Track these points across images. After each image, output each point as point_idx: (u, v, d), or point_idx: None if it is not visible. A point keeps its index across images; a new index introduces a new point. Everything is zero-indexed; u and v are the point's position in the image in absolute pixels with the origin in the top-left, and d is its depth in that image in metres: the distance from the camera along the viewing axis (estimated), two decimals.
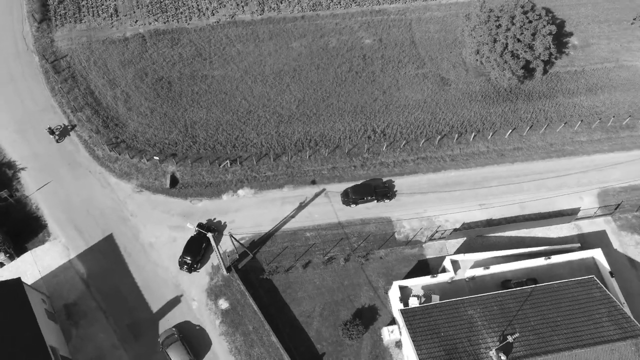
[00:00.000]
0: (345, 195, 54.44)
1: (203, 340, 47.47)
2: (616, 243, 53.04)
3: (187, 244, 50.25)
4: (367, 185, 54.71)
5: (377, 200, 54.42)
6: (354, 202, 53.92)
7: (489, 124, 60.41)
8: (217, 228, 52.24)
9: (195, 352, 46.50)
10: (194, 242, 50.37)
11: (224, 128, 58.74)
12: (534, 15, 56.72)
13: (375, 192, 54.20)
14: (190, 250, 49.81)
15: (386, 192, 54.53)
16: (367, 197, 53.68)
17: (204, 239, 50.31)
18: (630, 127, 60.86)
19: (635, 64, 65.92)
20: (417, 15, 69.41)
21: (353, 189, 54.17)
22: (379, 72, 63.77)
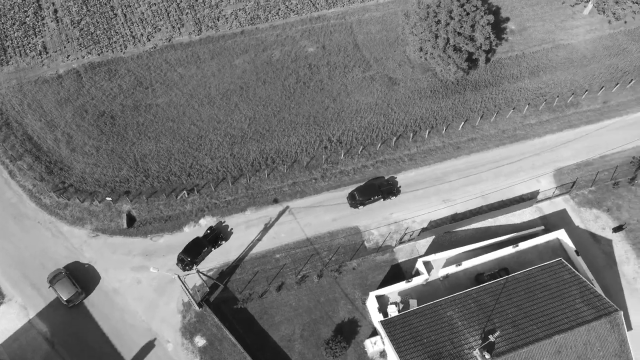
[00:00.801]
0: (352, 198, 53.99)
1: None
2: (577, 220, 54.46)
3: (190, 244, 50.14)
4: (371, 185, 54.43)
5: (383, 199, 54.12)
6: (362, 204, 53.59)
7: (442, 118, 60.89)
8: (224, 236, 51.77)
9: None
10: (195, 244, 50.19)
11: (176, 157, 56.76)
12: (470, 7, 57.41)
13: (381, 190, 54.04)
14: (190, 251, 49.77)
15: (391, 189, 54.59)
16: (374, 196, 53.43)
17: (206, 244, 50.25)
18: (575, 105, 62.65)
19: (570, 42, 67.91)
20: (357, 17, 69.18)
21: (359, 191, 53.84)
22: (326, 79, 63.16)
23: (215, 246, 51.46)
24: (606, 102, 62.94)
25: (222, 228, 52.83)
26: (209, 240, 50.91)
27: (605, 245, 52.93)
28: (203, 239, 50.73)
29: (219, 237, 51.54)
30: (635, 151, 59.07)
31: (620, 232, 53.02)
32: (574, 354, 39.25)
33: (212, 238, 51.25)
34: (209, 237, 51.17)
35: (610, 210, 54.90)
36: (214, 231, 51.89)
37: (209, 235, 51.42)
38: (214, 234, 51.50)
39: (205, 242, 50.51)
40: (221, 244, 51.85)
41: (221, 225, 53.12)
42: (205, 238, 50.96)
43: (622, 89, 63.83)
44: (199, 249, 50.12)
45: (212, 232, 51.67)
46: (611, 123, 61.25)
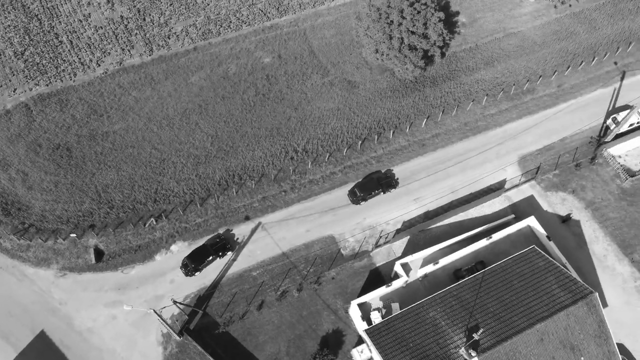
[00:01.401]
0: (353, 194, 54.25)
1: None
2: (545, 204, 55.52)
3: (196, 251, 50.00)
4: (370, 180, 54.87)
5: (383, 192, 54.56)
6: (363, 199, 54.00)
7: (404, 117, 61.10)
8: (231, 246, 51.47)
9: None
10: (201, 251, 49.95)
11: (140, 184, 55.14)
12: (420, 6, 57.71)
13: (380, 184, 54.43)
14: (195, 257, 49.53)
15: (390, 182, 55.25)
16: (374, 191, 53.90)
17: (212, 252, 49.91)
18: (531, 91, 63.87)
19: (520, 29, 69.18)
20: (310, 23, 68.74)
21: (359, 187, 54.13)
22: (285, 89, 62.51)
23: (221, 255, 50.80)
24: (560, 86, 64.43)
25: (229, 237, 52.21)
26: (216, 249, 50.41)
27: (574, 227, 54.15)
28: (210, 247, 50.27)
29: (225, 247, 51.04)
30: (592, 131, 60.69)
31: (568, 221, 53.76)
32: (556, 339, 39.90)
33: (219, 247, 50.70)
34: (215, 246, 50.59)
35: (575, 192, 56.20)
36: (222, 240, 51.34)
37: (216, 244, 50.80)
38: (222, 243, 50.95)
39: (211, 250, 50.08)
40: (227, 254, 51.17)
41: (228, 233, 52.50)
42: (212, 246, 50.42)
43: (574, 71, 65.45)
44: (204, 257, 49.70)
45: (220, 241, 51.11)
46: (567, 106, 62.71)
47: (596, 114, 62.01)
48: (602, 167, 57.89)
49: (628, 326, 48.78)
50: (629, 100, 63.09)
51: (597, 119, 61.62)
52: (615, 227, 54.02)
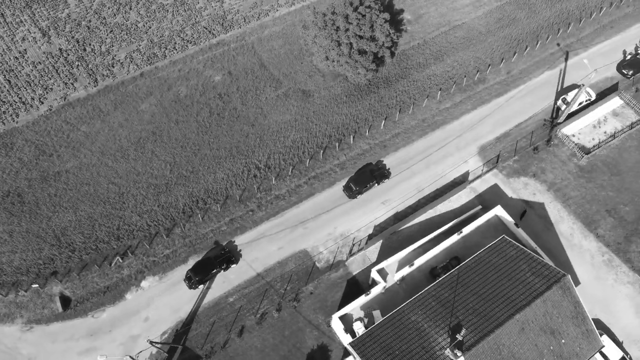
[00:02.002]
0: (349, 190, 54.58)
1: None
2: (509, 191, 56.48)
3: (200, 263, 49.59)
4: (364, 173, 55.26)
5: (377, 184, 55.18)
6: (359, 193, 54.60)
7: (363, 120, 61.01)
8: (235, 259, 51.02)
9: None
10: (205, 263, 49.43)
11: (101, 222, 53.07)
12: (365, 9, 57.67)
13: (374, 176, 54.93)
14: (199, 270, 49.11)
15: (384, 173, 55.87)
16: (369, 183, 54.46)
17: (216, 265, 49.37)
18: (482, 81, 64.91)
19: (464, 21, 70.23)
20: (257, 36, 67.82)
21: (354, 181, 54.57)
22: (240, 106, 61.43)
23: (226, 268, 50.21)
24: (509, 72, 65.73)
25: (234, 249, 51.78)
26: (220, 262, 49.81)
27: (539, 210, 55.28)
28: (214, 259, 49.69)
29: (230, 260, 50.41)
30: (544, 113, 62.17)
31: (524, 217, 54.14)
32: (536, 327, 40.51)
33: (223, 259, 50.06)
34: (220, 258, 50.00)
35: (536, 175, 57.38)
36: (226, 252, 50.69)
37: (220, 256, 50.23)
38: (226, 256, 50.32)
39: (215, 263, 49.51)
40: (231, 267, 50.63)
41: (231, 244, 52.27)
42: (216, 259, 49.86)
43: (520, 57, 66.91)
44: (209, 269, 49.11)
45: (224, 253, 50.52)
46: (518, 91, 64.02)
47: (546, 97, 63.58)
48: (558, 147, 59.35)
49: (601, 300, 50.11)
50: (575, 80, 64.93)
51: (548, 101, 63.19)
52: (578, 205, 55.46)
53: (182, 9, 69.44)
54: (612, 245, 53.07)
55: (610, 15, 71.86)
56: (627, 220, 54.62)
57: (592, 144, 59.64)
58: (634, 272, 51.63)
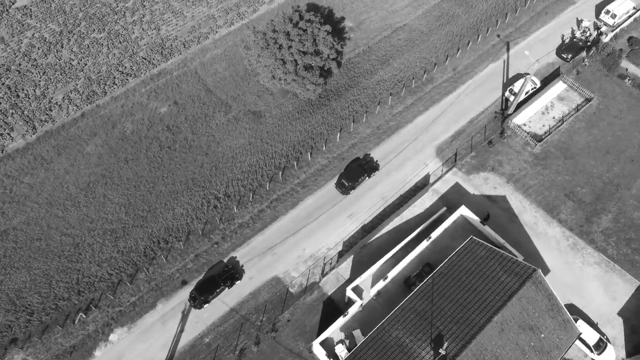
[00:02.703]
0: (341, 186, 55.01)
1: None
2: (470, 188, 56.86)
3: (203, 282, 49.15)
4: (354, 169, 55.73)
5: (368, 177, 55.87)
6: (352, 188, 55.06)
7: (318, 135, 60.21)
8: (239, 275, 50.51)
9: None
10: (209, 282, 48.95)
11: (58, 279, 50.18)
12: (305, 24, 56.86)
13: (364, 169, 55.59)
14: (203, 289, 48.62)
15: (373, 165, 56.62)
16: (360, 177, 55.10)
17: (220, 283, 48.92)
18: (430, 80, 65.27)
19: (406, 22, 70.54)
20: (199, 60, 65.98)
21: (346, 177, 55.03)
22: (190, 136, 59.52)
23: (230, 285, 49.76)
24: (455, 69, 66.38)
25: (236, 265, 51.28)
26: (224, 279, 49.39)
27: (501, 203, 55.91)
28: (217, 278, 49.25)
29: (234, 277, 49.98)
30: (495, 106, 63.06)
31: (488, 219, 53.84)
32: (515, 325, 40.71)
33: (227, 276, 49.69)
34: (223, 276, 49.54)
35: (494, 169, 58.06)
36: (230, 270, 50.19)
37: (224, 274, 49.77)
38: (230, 273, 49.96)
39: (219, 281, 49.07)
40: (235, 284, 50.11)
41: (234, 261, 51.76)
42: (220, 276, 49.40)
43: (464, 52, 67.71)
44: (213, 288, 48.65)
45: (228, 270, 50.09)
46: (466, 87, 64.71)
47: (494, 89, 64.53)
48: (512, 138, 60.28)
49: (572, 285, 51.06)
50: (519, 69, 66.22)
51: (496, 93, 64.14)
52: (538, 193, 56.43)
53: (117, 41, 66.86)
54: (575, 229, 54.23)
55: (543, 1, 73.75)
56: (585, 202, 55.96)
57: (543, 130, 60.88)
58: (598, 252, 52.88)
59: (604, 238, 53.67)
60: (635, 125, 61.55)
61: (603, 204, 55.77)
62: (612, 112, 62.65)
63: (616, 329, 48.96)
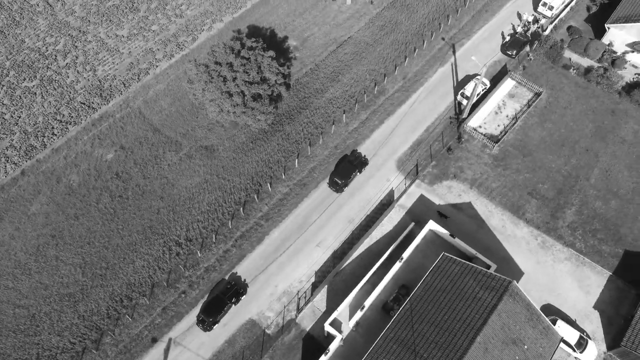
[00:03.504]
0: (335, 184, 55.33)
1: None
2: (435, 198, 56.31)
3: (209, 303, 48.13)
4: (345, 166, 56.09)
5: (359, 172, 56.60)
6: (345, 185, 55.52)
7: (275, 163, 58.40)
8: (244, 290, 49.91)
9: None
10: (215, 302, 48.03)
11: (16, 356, 46.59)
12: (248, 52, 54.88)
13: (354, 165, 56.29)
14: (210, 310, 47.81)
15: (362, 160, 57.68)
16: (352, 173, 55.64)
17: (226, 301, 48.20)
18: (382, 92, 64.47)
19: (350, 35, 69.52)
20: (142, 99, 63.01)
21: (338, 175, 55.36)
22: (142, 181, 56.63)
23: (236, 302, 49.11)
24: (405, 78, 65.82)
25: (238, 280, 50.78)
26: (229, 297, 48.58)
27: (467, 210, 55.61)
28: (223, 296, 48.38)
29: (239, 292, 49.28)
30: (449, 111, 62.82)
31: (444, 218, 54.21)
32: (498, 341, 40.18)
33: (232, 293, 48.91)
34: (228, 294, 48.74)
35: (456, 176, 57.73)
36: (234, 286, 49.37)
37: (228, 291, 48.95)
38: (234, 290, 49.11)
39: (225, 299, 48.28)
40: (241, 299, 49.55)
41: (235, 276, 51.20)
42: (225, 295, 48.60)
43: (411, 59, 67.23)
44: (220, 307, 47.87)
45: (232, 288, 49.21)
46: (418, 95, 64.22)
47: (446, 94, 64.31)
48: (469, 142, 60.12)
49: (546, 284, 51.20)
50: (468, 70, 66.28)
51: (449, 98, 63.93)
52: (502, 195, 56.42)
53: (52, 87, 63.15)
54: (542, 227, 54.47)
55: None
56: (548, 198, 56.33)
57: (499, 130, 61.01)
58: (567, 247, 53.27)
59: (570, 232, 54.12)
60: (585, 114, 62.54)
61: (565, 198, 56.27)
62: (562, 103, 63.46)
63: (594, 323, 49.35)
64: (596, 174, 57.96)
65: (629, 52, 66.05)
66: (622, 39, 65.73)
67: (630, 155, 59.44)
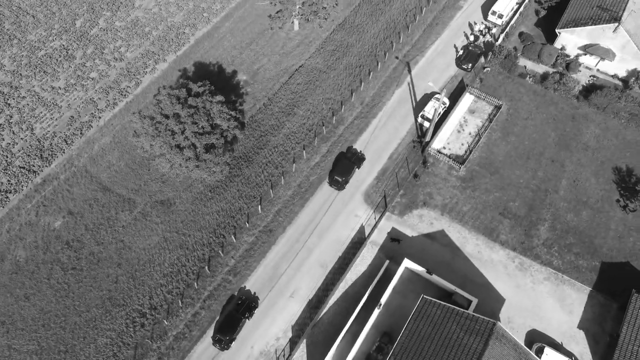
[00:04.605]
0: (336, 183, 56.11)
1: None
2: (408, 230, 54.37)
3: (223, 322, 47.55)
4: (344, 164, 56.85)
5: (358, 168, 57.56)
6: (346, 182, 56.21)
7: (237, 211, 55.31)
8: (254, 302, 49.23)
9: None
10: (229, 320, 47.51)
11: None
12: (194, 100, 51.46)
13: (352, 162, 57.01)
14: (225, 329, 47.15)
15: (359, 156, 58.31)
16: (352, 170, 56.46)
17: (240, 317, 47.60)
18: (341, 121, 62.12)
19: (301, 64, 66.88)
20: (87, 155, 58.80)
21: (339, 173, 56.17)
22: (96, 248, 52.62)
23: (250, 316, 48.53)
24: (363, 103, 63.73)
25: (248, 294, 50.01)
26: (242, 312, 48.10)
27: (441, 238, 53.91)
28: (235, 313, 47.93)
29: (250, 307, 48.72)
30: (411, 134, 61.04)
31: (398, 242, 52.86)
32: None
33: (244, 308, 48.36)
34: (241, 309, 48.24)
35: (426, 203, 55.96)
36: (245, 301, 48.81)
37: (239, 307, 48.42)
38: (246, 304, 48.59)
39: (238, 315, 47.85)
40: (254, 312, 49.00)
41: (244, 290, 50.33)
42: (238, 311, 48.11)
43: (367, 83, 65.18)
44: (235, 325, 47.38)
45: (242, 302, 48.70)
46: (378, 120, 62.22)
47: (406, 116, 62.55)
48: (435, 166, 58.48)
49: (529, 308, 49.97)
50: (425, 89, 64.70)
51: (410, 120, 62.18)
52: (474, 219, 54.97)
53: None
54: (518, 247, 53.28)
55: (431, 11, 72.87)
56: (520, 216, 55.21)
57: (463, 149, 59.61)
58: (545, 266, 52.23)
59: (546, 250, 53.12)
60: (547, 123, 61.85)
61: (537, 214, 55.27)
62: (523, 114, 62.60)
63: (580, 344, 48.37)
64: (564, 185, 57.24)
65: (582, 55, 65.80)
66: (573, 42, 65.42)
67: (595, 161, 59.01)
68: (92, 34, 69.00)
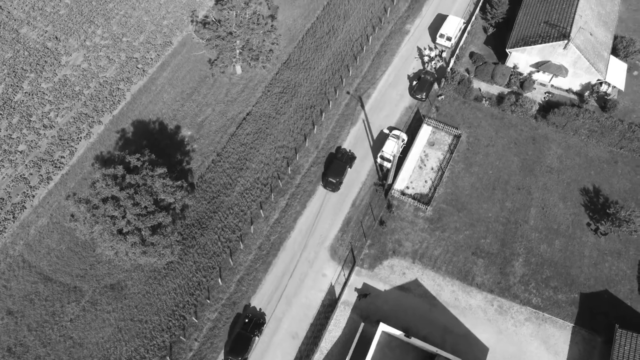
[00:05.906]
0: (329, 184, 55.70)
1: None
2: (380, 284, 51.37)
3: (234, 342, 46.58)
4: (336, 164, 56.41)
5: (350, 167, 57.58)
6: (340, 183, 55.86)
7: (195, 287, 50.93)
8: (262, 319, 48.30)
9: None
10: (240, 340, 46.57)
11: None
12: (134, 178, 46.78)
13: (344, 162, 56.89)
14: (237, 350, 46.25)
15: (349, 156, 58.28)
16: (345, 170, 56.21)
17: (250, 336, 46.62)
18: (297, 170, 58.51)
19: (248, 111, 62.92)
20: (22, 242, 53.22)
21: (333, 174, 55.76)
22: (42, 350, 47.35)
23: (260, 333, 47.73)
24: (318, 147, 60.37)
25: (254, 311, 49.18)
26: (251, 330, 47.20)
27: (415, 288, 51.15)
28: (244, 332, 46.96)
29: (259, 324, 47.82)
30: (371, 177, 58.08)
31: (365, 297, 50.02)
32: None
33: (253, 327, 47.48)
34: (249, 328, 47.31)
35: (395, 252, 53.11)
36: (252, 319, 47.96)
37: (248, 325, 47.50)
38: (254, 322, 47.72)
39: (248, 335, 46.90)
40: (263, 330, 48.17)
41: (250, 307, 49.36)
42: (246, 330, 47.16)
43: (319, 125, 61.86)
44: (247, 344, 46.39)
45: (250, 320, 47.84)
46: None
47: (364, 157, 59.56)
48: (400, 209, 55.71)
49: (514, 354, 47.81)
50: (381, 125, 61.88)
51: (369, 161, 59.21)
52: (447, 262, 52.47)
53: None
54: (495, 289, 51.09)
55: (377, 39, 70.11)
56: (493, 253, 53.07)
57: (427, 187, 57.08)
58: (524, 305, 50.23)
59: (524, 288, 51.11)
60: (508, 148, 60.02)
61: (510, 249, 53.26)
62: (483, 141, 60.58)
63: None
64: (534, 213, 55.45)
65: (535, 72, 64.32)
66: (525, 60, 63.84)
67: (561, 183, 57.52)
68: (17, 100, 63.13)
